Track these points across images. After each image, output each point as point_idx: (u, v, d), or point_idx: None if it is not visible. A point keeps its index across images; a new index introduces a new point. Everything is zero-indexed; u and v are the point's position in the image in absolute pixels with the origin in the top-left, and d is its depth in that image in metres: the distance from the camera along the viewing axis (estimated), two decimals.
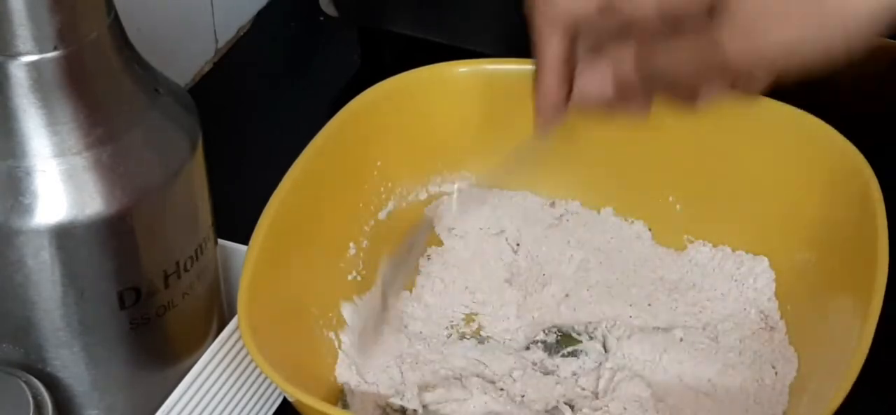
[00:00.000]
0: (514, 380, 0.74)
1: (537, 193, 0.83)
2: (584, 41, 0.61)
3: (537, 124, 0.64)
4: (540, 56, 0.62)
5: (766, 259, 0.79)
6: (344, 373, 0.74)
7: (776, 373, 0.74)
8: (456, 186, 0.83)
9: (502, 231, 0.82)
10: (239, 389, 0.73)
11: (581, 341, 0.76)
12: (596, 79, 0.60)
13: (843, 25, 0.53)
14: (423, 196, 0.82)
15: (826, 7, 0.53)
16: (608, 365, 0.75)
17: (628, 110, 0.61)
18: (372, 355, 0.75)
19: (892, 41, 0.78)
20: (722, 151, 0.79)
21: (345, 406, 0.73)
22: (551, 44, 0.62)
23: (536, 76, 0.63)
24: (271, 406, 0.77)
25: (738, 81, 0.59)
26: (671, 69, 0.57)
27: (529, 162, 0.69)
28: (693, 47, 0.56)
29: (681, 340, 0.76)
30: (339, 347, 0.75)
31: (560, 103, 0.63)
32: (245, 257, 0.70)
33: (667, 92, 0.59)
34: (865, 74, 0.77)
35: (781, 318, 0.77)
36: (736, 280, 0.79)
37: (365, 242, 0.79)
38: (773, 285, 0.78)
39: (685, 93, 0.59)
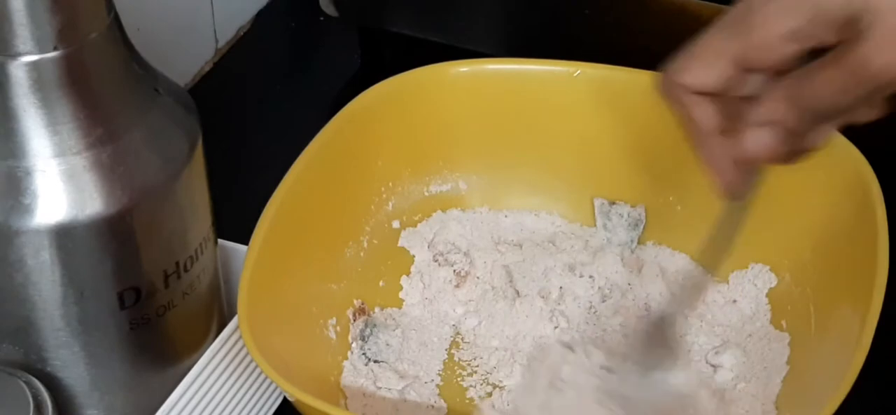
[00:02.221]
0: None
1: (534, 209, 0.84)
2: (728, 99, 0.60)
3: (723, 191, 0.62)
4: (694, 135, 0.61)
5: (766, 260, 0.79)
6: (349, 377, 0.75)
7: (776, 373, 0.74)
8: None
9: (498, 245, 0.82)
10: (239, 389, 0.73)
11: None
12: (761, 136, 0.58)
13: None
14: (423, 196, 0.82)
15: None
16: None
17: (801, 150, 0.60)
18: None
19: None
20: None
21: (345, 406, 0.73)
22: (702, 118, 0.60)
23: (700, 154, 0.61)
24: (271, 406, 0.77)
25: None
26: (824, 97, 0.56)
27: (736, 231, 0.67)
28: (839, 70, 0.55)
29: (681, 337, 0.76)
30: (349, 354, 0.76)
31: (735, 171, 0.61)
32: (245, 257, 0.70)
33: (830, 119, 0.58)
34: None
35: (782, 318, 0.77)
36: (736, 281, 0.79)
37: (365, 241, 0.79)
38: (774, 286, 0.78)
39: (847, 115, 0.58)
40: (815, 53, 0.56)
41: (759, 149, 0.59)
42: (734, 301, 0.79)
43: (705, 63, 0.59)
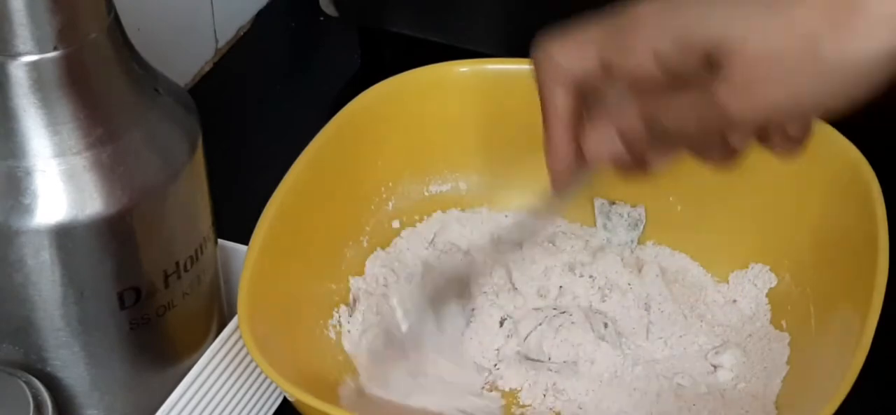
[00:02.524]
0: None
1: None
2: (591, 97, 0.60)
3: (552, 184, 0.63)
4: (546, 115, 0.61)
5: (766, 260, 0.79)
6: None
7: (776, 373, 0.74)
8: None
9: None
10: (239, 389, 0.73)
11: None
12: (603, 136, 0.59)
13: (843, 78, 0.52)
14: (423, 196, 0.82)
15: (823, 61, 0.51)
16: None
17: (644, 166, 0.60)
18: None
19: None
20: None
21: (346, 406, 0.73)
22: (555, 101, 0.61)
23: (545, 136, 0.62)
24: (271, 406, 0.77)
25: (767, 136, 0.58)
26: (676, 125, 0.56)
27: (549, 216, 0.68)
28: (695, 103, 0.55)
29: (680, 337, 0.76)
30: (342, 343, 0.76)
31: (571, 162, 0.61)
32: (245, 257, 0.70)
33: (678, 146, 0.59)
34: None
35: (782, 318, 0.77)
36: (736, 281, 0.79)
37: (366, 240, 0.79)
38: (774, 286, 0.78)
39: (698, 147, 0.58)
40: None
41: (598, 149, 0.59)
42: (734, 301, 0.79)
43: (575, 47, 0.60)
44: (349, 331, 0.76)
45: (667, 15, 0.55)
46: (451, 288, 0.75)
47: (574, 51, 0.60)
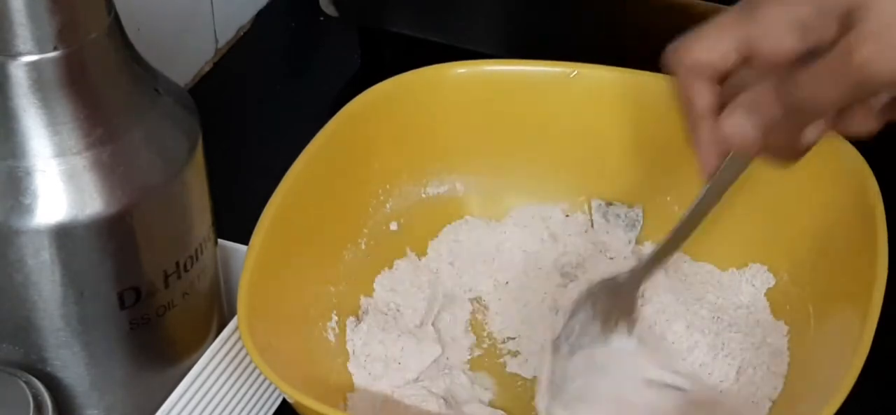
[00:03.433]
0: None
1: (532, 202, 0.84)
2: (728, 85, 0.61)
3: (702, 172, 0.63)
4: (690, 108, 0.62)
5: (764, 260, 0.79)
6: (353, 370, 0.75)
7: (776, 374, 0.74)
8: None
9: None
10: (239, 389, 0.73)
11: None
12: (737, 122, 0.59)
13: None
14: (420, 197, 0.82)
15: None
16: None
17: (780, 148, 0.60)
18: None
19: None
20: None
21: (345, 406, 0.73)
22: (700, 94, 0.61)
23: (691, 130, 0.62)
24: (271, 406, 0.77)
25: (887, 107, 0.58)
26: (812, 95, 0.56)
27: (699, 222, 0.68)
28: (826, 65, 0.55)
29: (679, 337, 0.76)
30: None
31: (722, 152, 0.62)
32: (245, 257, 0.70)
33: (814, 122, 0.58)
34: None
35: (780, 318, 0.77)
36: (734, 281, 0.79)
37: (364, 242, 0.79)
38: (772, 286, 0.78)
39: (837, 116, 0.58)
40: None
41: (736, 132, 0.59)
42: (732, 301, 0.79)
43: (711, 41, 0.60)
44: (353, 345, 0.76)
45: None
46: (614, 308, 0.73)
47: (711, 42, 0.60)
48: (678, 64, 0.62)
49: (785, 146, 0.60)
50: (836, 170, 0.75)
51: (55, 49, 0.59)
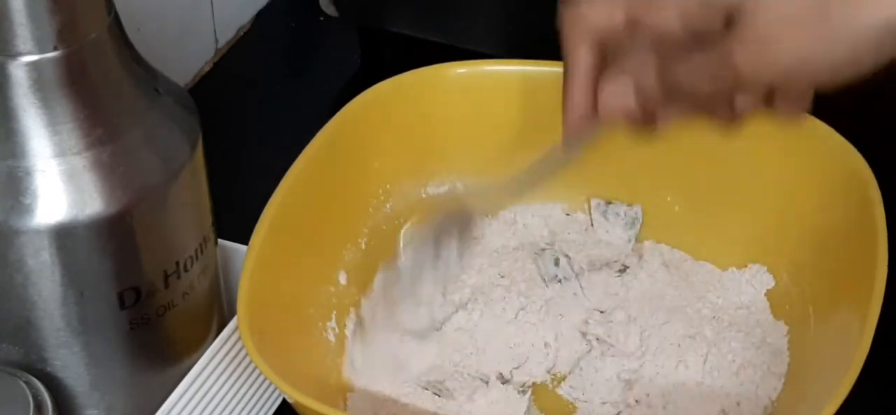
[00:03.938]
0: None
1: (533, 201, 0.84)
2: (611, 56, 0.62)
3: (565, 135, 0.65)
4: (568, 67, 0.64)
5: (764, 260, 0.79)
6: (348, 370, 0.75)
7: (775, 374, 0.74)
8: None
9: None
10: (239, 389, 0.73)
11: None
12: (619, 90, 0.61)
13: (850, 45, 0.54)
14: (420, 197, 0.82)
15: (832, 27, 0.54)
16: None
17: (652, 124, 0.62)
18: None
19: None
20: (720, 152, 0.78)
21: (345, 406, 0.73)
22: (579, 55, 0.63)
23: (564, 88, 0.64)
24: (271, 406, 0.77)
25: (772, 99, 0.60)
26: (689, 81, 0.58)
27: (553, 171, 0.70)
28: (708, 60, 0.57)
29: (679, 344, 0.76)
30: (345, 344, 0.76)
31: (588, 115, 0.63)
32: (245, 257, 0.70)
33: (689, 106, 0.60)
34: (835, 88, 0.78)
35: (780, 318, 0.77)
36: (734, 281, 0.79)
37: (364, 242, 0.79)
38: (772, 286, 0.78)
39: (708, 107, 0.60)
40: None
41: (612, 101, 0.61)
42: (732, 301, 0.79)
43: (601, 7, 0.62)
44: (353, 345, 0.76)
45: None
46: (453, 224, 0.76)
47: (602, 6, 0.62)
48: (567, 22, 0.63)
49: (654, 118, 0.62)
50: (836, 170, 0.75)
51: (55, 49, 0.59)
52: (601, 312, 0.78)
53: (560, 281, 0.79)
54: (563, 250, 0.81)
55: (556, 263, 0.79)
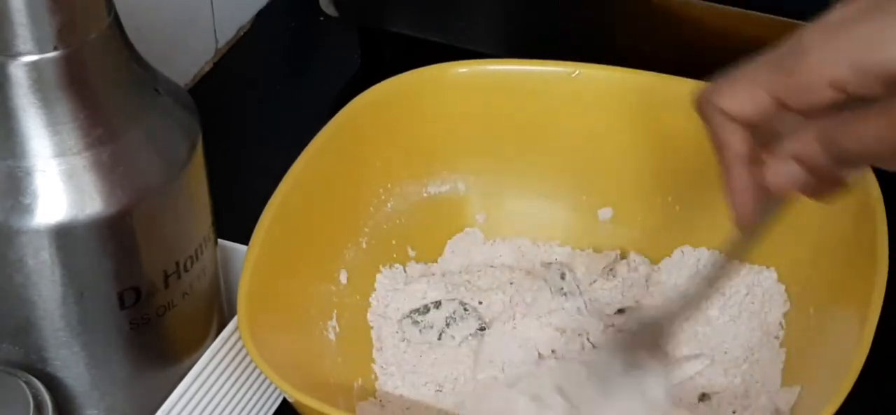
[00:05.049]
0: None
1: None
2: (763, 132, 0.59)
3: (738, 223, 0.62)
4: (722, 156, 0.60)
5: (763, 260, 0.79)
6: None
7: (776, 374, 0.74)
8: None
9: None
10: (239, 389, 0.73)
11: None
12: (784, 167, 0.58)
13: None
14: (421, 197, 0.82)
15: None
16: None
17: (824, 191, 0.59)
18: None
19: None
20: None
21: (346, 407, 0.73)
22: (733, 143, 0.59)
23: (724, 176, 0.61)
24: (271, 406, 0.77)
25: None
26: (858, 144, 0.54)
27: (732, 267, 0.68)
28: (879, 120, 0.53)
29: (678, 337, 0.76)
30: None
31: (755, 199, 0.60)
32: (245, 257, 0.70)
33: (862, 165, 0.58)
34: None
35: (780, 318, 0.77)
36: (733, 280, 0.79)
37: (364, 241, 0.79)
38: (772, 286, 0.78)
39: (882, 162, 0.56)
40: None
41: (781, 181, 0.58)
42: (731, 300, 0.79)
43: (745, 92, 0.58)
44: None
45: (839, 42, 0.54)
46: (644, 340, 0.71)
47: (743, 94, 0.58)
48: (708, 111, 0.60)
49: (826, 187, 0.59)
50: None
51: (55, 49, 0.59)
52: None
53: (565, 294, 0.79)
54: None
55: (563, 276, 0.79)
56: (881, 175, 0.73)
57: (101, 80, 0.62)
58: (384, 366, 0.76)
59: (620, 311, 0.79)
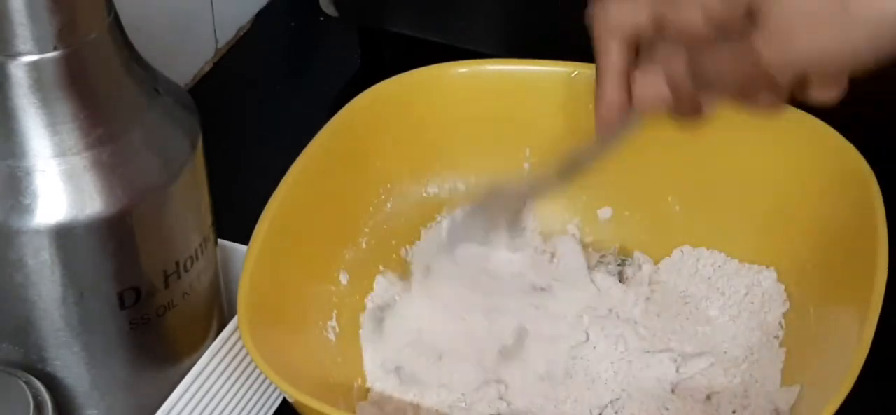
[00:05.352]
0: None
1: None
2: (642, 51, 0.65)
3: (598, 130, 0.68)
4: (600, 64, 0.66)
5: (763, 260, 0.79)
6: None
7: (776, 373, 0.74)
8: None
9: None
10: (239, 389, 0.73)
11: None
12: (652, 83, 0.63)
13: (869, 33, 0.56)
14: (421, 197, 0.82)
15: (851, 13, 0.55)
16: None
17: (685, 113, 0.64)
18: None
19: None
20: (721, 152, 0.79)
21: (346, 407, 0.73)
22: (610, 52, 0.65)
23: (597, 84, 0.66)
24: (271, 406, 0.77)
25: (806, 85, 0.62)
26: (717, 73, 0.60)
27: (584, 167, 0.72)
28: (735, 53, 0.59)
29: (677, 337, 0.76)
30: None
31: (620, 109, 0.66)
32: (245, 257, 0.70)
33: (719, 95, 0.63)
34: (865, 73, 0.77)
35: (780, 318, 0.77)
36: (733, 280, 0.79)
37: (364, 241, 0.79)
38: (772, 286, 0.78)
39: (741, 95, 0.62)
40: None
41: (648, 93, 0.64)
42: (732, 300, 0.79)
43: (628, 5, 0.64)
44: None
45: None
46: (500, 210, 0.76)
47: (628, 6, 0.64)
48: (597, 19, 0.65)
49: (688, 109, 0.64)
50: (836, 170, 0.75)
51: (55, 49, 0.59)
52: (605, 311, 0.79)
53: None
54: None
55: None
56: (881, 175, 0.73)
57: (101, 80, 0.62)
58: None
59: None
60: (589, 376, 0.75)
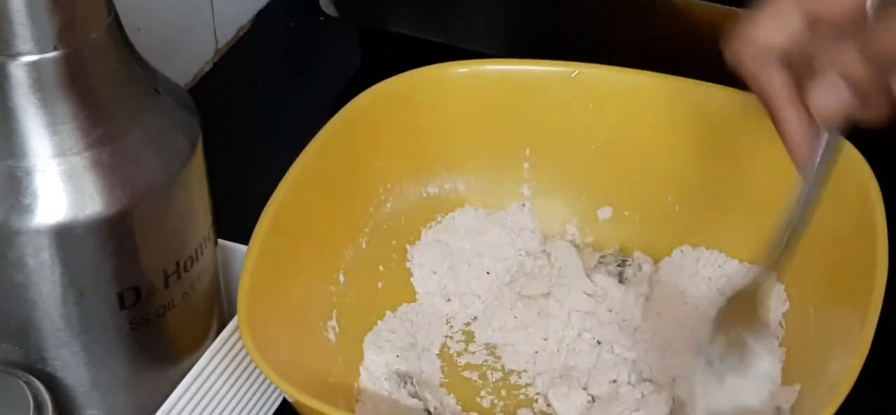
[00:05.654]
0: None
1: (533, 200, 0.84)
2: (799, 69, 0.58)
3: (798, 166, 0.61)
4: (768, 98, 0.60)
5: (764, 259, 0.79)
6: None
7: (776, 374, 0.74)
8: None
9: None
10: (239, 389, 0.73)
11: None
12: (830, 90, 0.57)
13: None
14: (421, 197, 0.82)
15: None
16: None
17: (877, 110, 0.58)
18: None
19: None
20: (721, 151, 0.79)
21: (346, 407, 0.73)
22: (773, 80, 0.59)
23: (775, 121, 0.60)
24: (271, 406, 0.77)
25: None
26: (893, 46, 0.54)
27: (806, 221, 0.66)
28: None
29: (677, 337, 0.76)
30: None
31: (809, 135, 0.60)
32: (245, 257, 0.70)
33: None
34: None
35: (780, 318, 0.77)
36: (733, 280, 0.79)
37: (364, 242, 0.79)
38: (769, 283, 0.78)
39: None
40: None
41: (831, 104, 0.57)
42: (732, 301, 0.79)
43: (775, 19, 0.58)
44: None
45: None
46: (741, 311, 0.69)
47: (774, 23, 0.58)
48: (743, 54, 0.59)
49: (877, 103, 0.57)
50: (836, 170, 0.75)
51: (55, 49, 0.59)
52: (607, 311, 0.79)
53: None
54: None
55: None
56: (881, 176, 0.73)
57: (101, 80, 0.62)
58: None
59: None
60: (587, 375, 0.75)
